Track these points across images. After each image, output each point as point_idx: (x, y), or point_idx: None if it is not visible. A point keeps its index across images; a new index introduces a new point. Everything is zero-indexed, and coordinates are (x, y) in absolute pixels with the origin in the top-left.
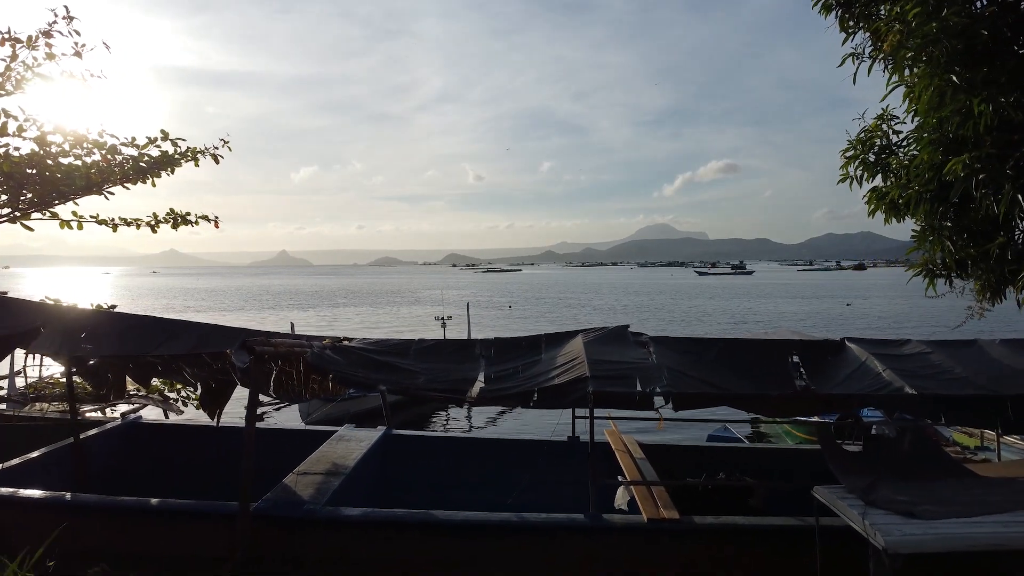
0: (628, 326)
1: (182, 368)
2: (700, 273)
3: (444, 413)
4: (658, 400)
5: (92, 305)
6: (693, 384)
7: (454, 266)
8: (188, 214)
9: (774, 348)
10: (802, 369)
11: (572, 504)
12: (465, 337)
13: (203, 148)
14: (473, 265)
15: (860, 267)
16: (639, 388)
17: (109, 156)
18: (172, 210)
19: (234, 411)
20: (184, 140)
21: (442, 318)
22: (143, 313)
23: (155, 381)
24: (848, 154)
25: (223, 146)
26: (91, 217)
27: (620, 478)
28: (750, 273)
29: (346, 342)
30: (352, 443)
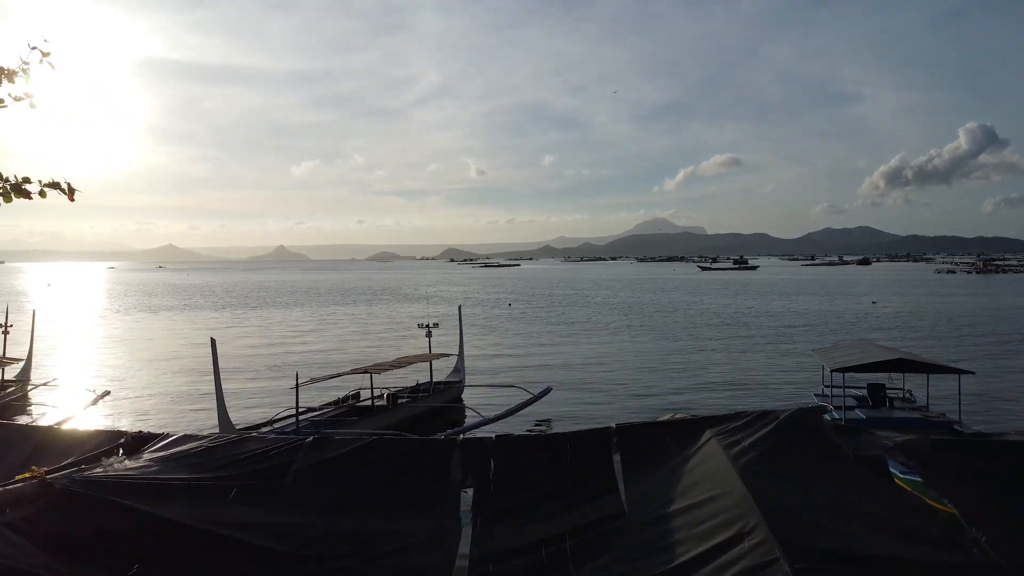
0: (825, 409)
1: None
2: (703, 268)
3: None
4: None
5: None
6: None
7: (451, 261)
8: (27, 180)
9: None
10: None
11: None
12: (456, 352)
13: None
14: (471, 260)
15: (865, 262)
16: None
17: None
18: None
19: None
20: None
21: (427, 325)
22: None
23: None
24: None
25: (43, 59)
26: None
27: None
28: (754, 268)
29: (113, 466)
30: None
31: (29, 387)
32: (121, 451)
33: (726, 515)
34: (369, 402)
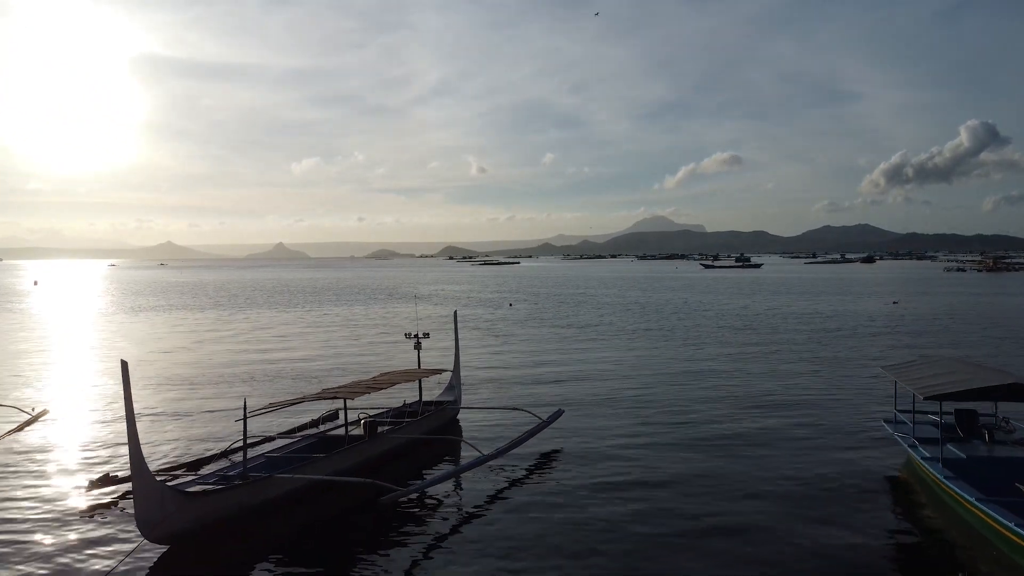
0: None
1: None
2: (706, 266)
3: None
4: None
5: None
6: None
7: (451, 258)
8: None
9: None
10: None
11: None
12: (451, 366)
13: None
14: (470, 257)
15: (869, 260)
16: None
17: None
18: None
19: None
20: None
21: (416, 336)
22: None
23: None
24: None
25: None
26: None
27: None
28: (758, 267)
29: None
30: None
31: None
32: None
33: None
34: (342, 431)
